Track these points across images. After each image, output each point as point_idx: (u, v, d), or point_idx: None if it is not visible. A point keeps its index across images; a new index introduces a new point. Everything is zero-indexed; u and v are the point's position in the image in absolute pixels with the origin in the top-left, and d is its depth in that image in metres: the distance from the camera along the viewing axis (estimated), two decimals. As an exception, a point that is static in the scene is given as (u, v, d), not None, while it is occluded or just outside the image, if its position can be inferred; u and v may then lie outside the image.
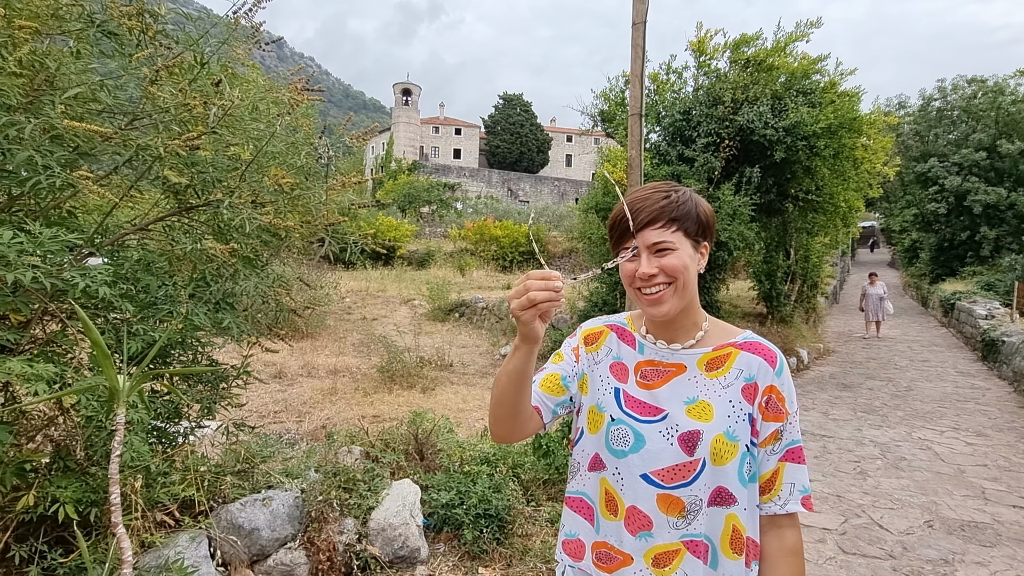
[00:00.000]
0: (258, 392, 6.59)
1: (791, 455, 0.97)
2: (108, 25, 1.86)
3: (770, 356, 0.98)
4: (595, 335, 1.10)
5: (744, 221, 7.32)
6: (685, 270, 0.94)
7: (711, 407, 0.96)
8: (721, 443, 0.93)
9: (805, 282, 12.23)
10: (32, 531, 1.75)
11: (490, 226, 24.51)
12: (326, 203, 2.39)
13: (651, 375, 1.01)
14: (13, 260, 1.38)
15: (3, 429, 1.59)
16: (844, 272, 24.73)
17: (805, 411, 6.28)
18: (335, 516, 2.52)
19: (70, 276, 1.55)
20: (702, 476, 0.93)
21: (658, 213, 0.93)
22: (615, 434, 0.99)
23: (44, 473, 1.77)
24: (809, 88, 7.81)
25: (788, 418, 0.97)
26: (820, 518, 3.49)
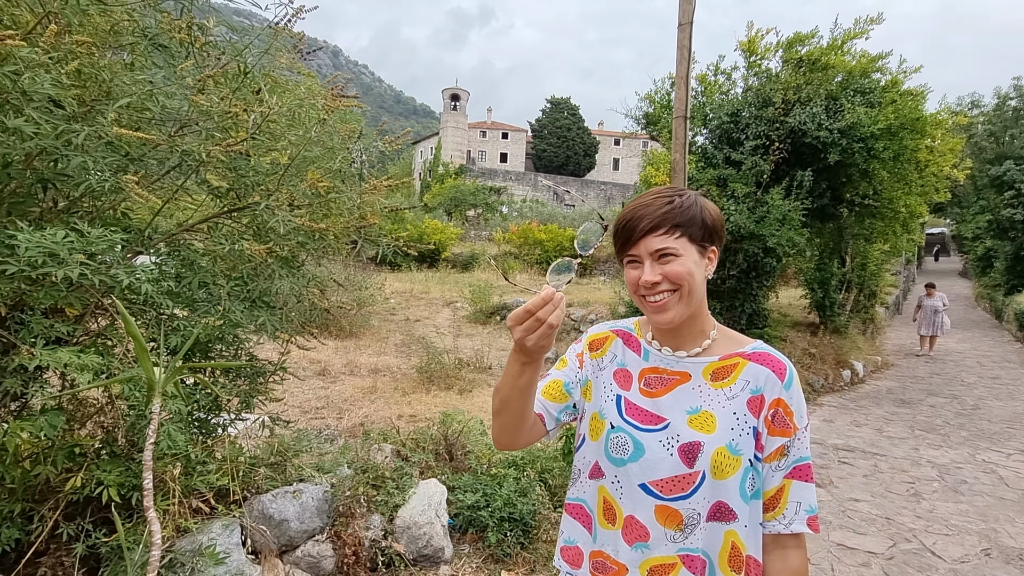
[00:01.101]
0: (302, 388, 6.84)
1: (798, 472, 0.93)
2: (159, 39, 1.99)
3: (779, 367, 0.94)
4: (600, 341, 1.09)
5: (794, 226, 7.01)
6: (690, 277, 0.91)
7: (714, 418, 0.92)
8: (722, 456, 0.90)
9: (862, 291, 11.58)
10: (80, 511, 1.88)
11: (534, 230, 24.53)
12: (360, 206, 2.46)
13: (655, 383, 0.99)
14: (64, 257, 1.49)
15: (55, 414, 1.72)
16: (908, 281, 23.28)
17: (857, 427, 5.95)
18: (362, 512, 2.58)
19: (116, 273, 1.66)
20: (701, 489, 0.90)
21: (660, 219, 0.91)
22: (614, 442, 0.97)
23: (92, 457, 1.89)
24: (868, 87, 7.41)
25: (796, 433, 0.92)
26: (865, 540, 3.29)
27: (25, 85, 1.41)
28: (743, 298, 7.47)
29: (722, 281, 7.39)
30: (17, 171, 1.72)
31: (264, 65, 2.41)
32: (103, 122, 1.62)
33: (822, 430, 5.78)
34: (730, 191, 7.10)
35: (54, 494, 1.81)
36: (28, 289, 1.65)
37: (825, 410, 6.75)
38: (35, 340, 1.62)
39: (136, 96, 1.75)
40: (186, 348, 1.62)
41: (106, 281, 1.67)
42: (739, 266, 7.19)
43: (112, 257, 1.72)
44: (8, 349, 1.68)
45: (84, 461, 1.86)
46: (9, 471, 1.68)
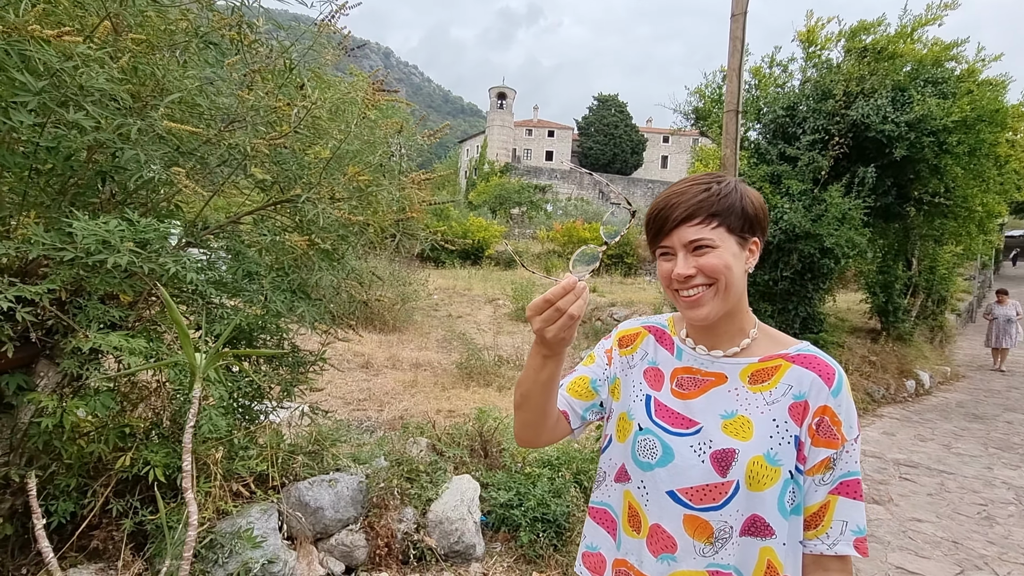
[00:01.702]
0: (345, 380, 7.02)
1: (845, 488, 0.84)
2: (210, 36, 2.06)
3: (826, 372, 0.86)
4: (631, 337, 1.03)
5: (855, 226, 6.61)
6: (727, 270, 0.84)
7: (751, 424, 0.85)
8: (759, 466, 0.82)
9: (930, 296, 10.81)
10: (129, 489, 1.97)
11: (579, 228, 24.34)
12: (400, 199, 2.47)
13: (688, 384, 0.92)
14: (115, 244, 1.55)
15: (108, 395, 1.80)
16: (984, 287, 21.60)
17: (922, 441, 5.55)
18: (396, 504, 2.60)
19: (164, 262, 1.72)
20: (734, 501, 0.83)
21: (695, 208, 0.84)
22: (642, 445, 0.91)
23: (142, 438, 1.98)
24: (940, 77, 6.89)
25: (844, 445, 0.84)
26: (929, 565, 3.04)
27: (83, 80, 1.47)
28: (797, 300, 7.12)
29: (775, 283, 7.06)
30: (79, 164, 1.81)
31: (310, 62, 2.46)
32: (154, 117, 1.68)
33: (882, 443, 5.43)
34: (784, 188, 6.77)
35: (106, 472, 1.91)
36: (86, 275, 1.73)
37: (885, 422, 6.34)
38: (90, 324, 1.70)
39: (187, 92, 1.81)
40: (226, 335, 1.66)
41: (156, 269, 1.74)
42: (793, 267, 6.85)
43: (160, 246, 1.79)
44: (67, 332, 1.77)
45: (134, 442, 1.94)
46: (66, 447, 1.78)
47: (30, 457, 1.87)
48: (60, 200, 1.84)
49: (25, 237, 1.56)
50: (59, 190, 1.85)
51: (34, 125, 1.53)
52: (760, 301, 7.08)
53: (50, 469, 1.84)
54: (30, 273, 1.75)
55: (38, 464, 1.83)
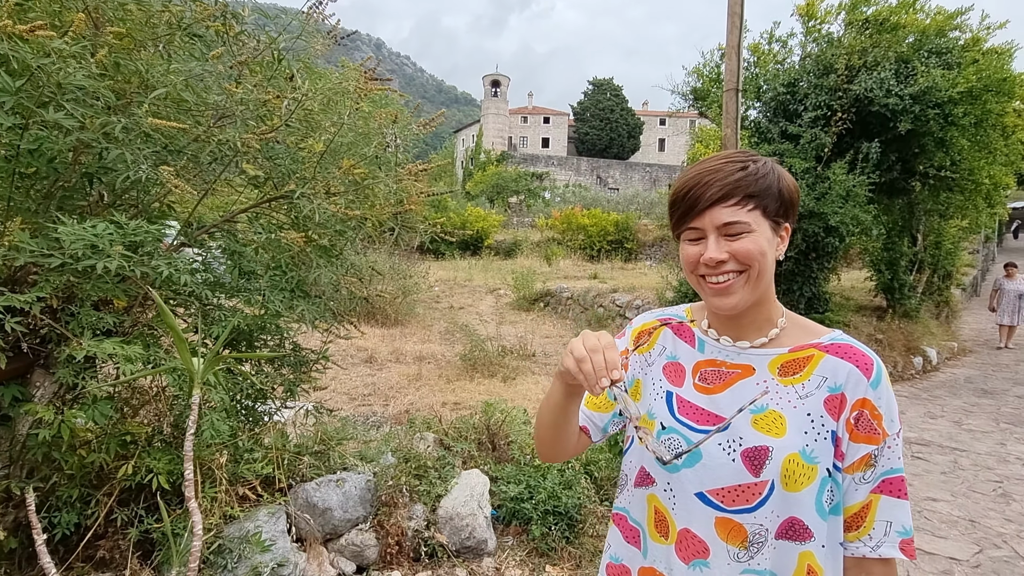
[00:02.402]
0: (350, 375, 6.99)
1: (888, 487, 0.78)
2: (193, 28, 1.98)
3: (864, 362, 0.80)
4: (647, 333, 0.97)
5: (859, 203, 6.52)
6: (762, 257, 0.78)
7: (783, 419, 0.79)
8: (795, 464, 0.77)
9: (936, 272, 10.72)
10: (134, 497, 1.93)
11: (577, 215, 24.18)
12: (397, 192, 2.40)
13: (712, 378, 0.87)
14: (105, 249, 1.50)
15: (106, 403, 1.75)
16: (988, 260, 21.50)
17: (932, 419, 5.51)
18: (405, 501, 2.57)
19: (156, 264, 1.67)
20: (769, 502, 0.78)
21: (732, 188, 0.77)
22: (666, 444, 0.85)
23: (144, 445, 1.94)
24: (945, 47, 6.75)
25: (886, 440, 0.78)
26: (947, 545, 3.01)
27: (60, 77, 1.41)
28: (802, 281, 7.05)
29: (779, 263, 6.97)
30: (64, 166, 1.75)
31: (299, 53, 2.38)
32: (139, 114, 1.61)
33: (891, 421, 5.39)
34: (787, 167, 6.66)
35: (108, 481, 1.87)
36: (77, 282, 1.68)
37: (894, 400, 6.30)
38: (83, 331, 1.65)
39: (171, 87, 1.74)
40: (223, 338, 1.60)
41: (148, 273, 1.69)
42: (797, 247, 6.77)
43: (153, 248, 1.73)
44: (61, 341, 1.72)
45: (136, 449, 1.90)
46: (66, 458, 1.73)
47: (31, 469, 1.83)
48: (47, 204, 1.78)
49: (11, 244, 1.51)
50: (45, 194, 1.79)
51: (13, 127, 1.46)
52: (765, 282, 7.02)
53: (51, 480, 1.80)
54: (19, 281, 1.70)
55: (39, 476, 1.80)
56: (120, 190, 1.94)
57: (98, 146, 1.64)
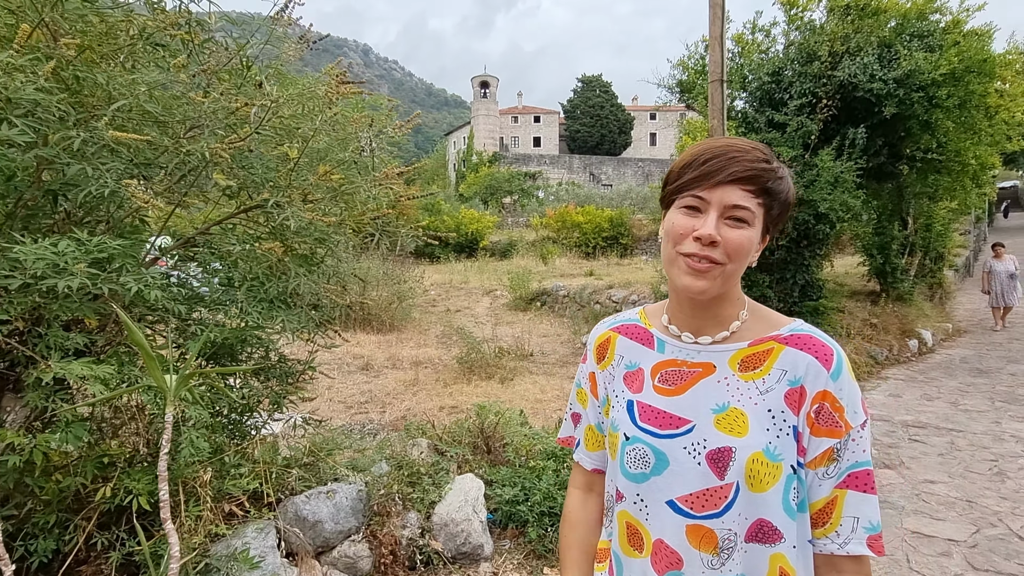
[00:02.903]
0: (346, 383, 6.95)
1: (854, 481, 0.75)
2: (156, 37, 1.94)
3: (824, 352, 0.76)
4: (604, 345, 0.94)
5: (848, 189, 6.52)
6: (745, 255, 0.75)
7: (745, 417, 0.76)
8: (759, 464, 0.74)
9: (927, 254, 10.74)
10: (114, 520, 1.89)
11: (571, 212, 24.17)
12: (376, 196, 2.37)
13: (673, 378, 0.83)
14: (66, 267, 1.45)
15: (80, 426, 1.71)
16: (979, 241, 21.58)
17: (929, 400, 5.51)
18: (398, 510, 2.53)
19: (125, 281, 1.62)
20: (736, 504, 0.74)
21: (755, 174, 0.73)
22: (631, 455, 0.82)
23: (124, 467, 1.89)
24: (926, 30, 6.75)
25: (850, 433, 0.75)
26: (945, 527, 2.99)
27: (9, 92, 1.36)
28: (794, 269, 7.04)
29: (771, 252, 6.98)
30: (23, 183, 1.71)
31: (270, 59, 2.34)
32: (96, 126, 1.57)
33: (889, 406, 5.38)
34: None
35: (87, 504, 1.82)
36: (43, 302, 1.63)
37: (891, 384, 6.30)
38: (51, 353, 1.61)
39: (132, 98, 1.70)
40: (194, 354, 1.56)
41: (117, 290, 1.64)
42: (788, 235, 6.76)
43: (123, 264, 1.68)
44: (29, 364, 1.68)
45: (115, 471, 1.86)
46: (39, 483, 1.69)
47: (4, 496, 1.78)
48: (10, 224, 1.73)
49: (-31, 266, 1.46)
50: (8, 213, 1.75)
51: (-34, 145, 1.42)
52: (757, 272, 7.00)
53: (27, 507, 1.75)
54: (-17, 304, 1.65)
55: (13, 503, 1.75)
56: (88, 206, 1.90)
57: (59, 162, 1.60)
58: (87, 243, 1.48)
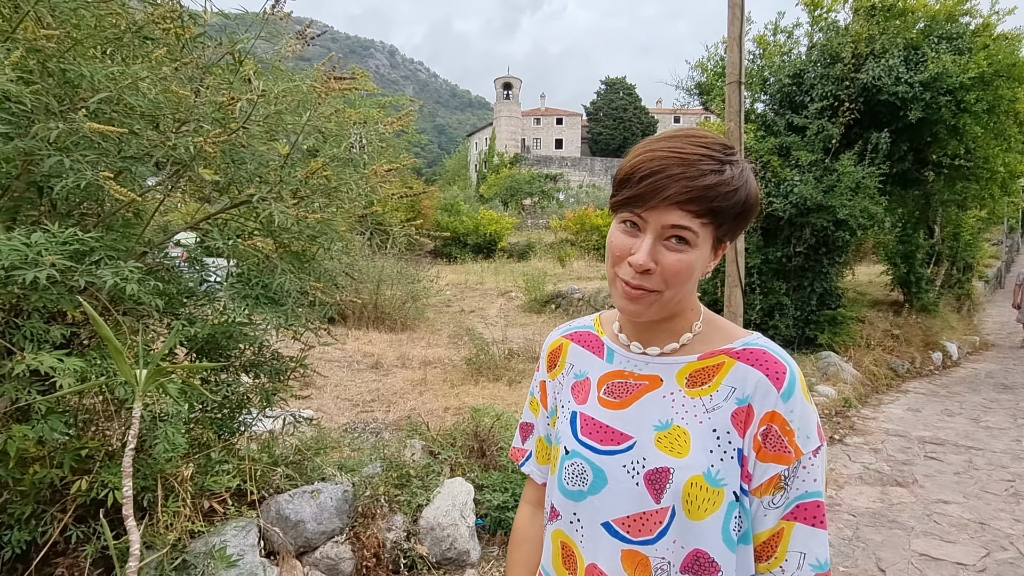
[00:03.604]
0: (355, 381, 6.97)
1: (802, 513, 0.68)
2: (145, 31, 1.94)
3: (775, 370, 0.69)
4: (555, 353, 0.88)
5: (870, 195, 6.32)
6: (687, 279, 0.68)
7: (688, 436, 0.70)
8: (698, 488, 0.67)
9: (955, 264, 10.38)
10: (92, 513, 1.88)
11: (591, 215, 24.02)
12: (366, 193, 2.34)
13: (618, 390, 0.77)
14: (36, 259, 1.45)
15: (57, 419, 1.71)
16: (1013, 251, 20.81)
17: (950, 416, 5.29)
18: (384, 512, 2.49)
19: (101, 274, 1.62)
20: (671, 531, 0.68)
21: (698, 195, 0.63)
22: (570, 471, 0.76)
23: (103, 460, 1.89)
24: (955, 32, 6.51)
25: (800, 460, 0.67)
26: (954, 550, 2.84)
27: (-17, 84, 1.36)
28: (812, 276, 6.85)
29: (788, 259, 6.80)
30: (7, 175, 1.72)
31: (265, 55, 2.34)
32: (75, 119, 1.56)
33: (906, 420, 5.18)
34: (793, 160, 6.49)
35: (62, 497, 1.82)
36: (23, 293, 1.64)
37: (911, 397, 6.07)
38: (28, 344, 1.61)
39: (116, 91, 1.70)
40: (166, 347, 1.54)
41: (94, 282, 1.64)
42: (806, 242, 6.58)
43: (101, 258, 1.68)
44: (8, 354, 1.68)
45: (93, 464, 1.86)
46: (12, 474, 1.69)
47: (-16, 486, 1.79)
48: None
49: (-55, 256, 1.47)
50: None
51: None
52: (774, 279, 6.83)
53: (2, 497, 1.76)
54: (-36, 294, 1.66)
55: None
56: (74, 199, 1.90)
57: (39, 154, 1.60)
58: (59, 235, 1.48)
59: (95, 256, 1.68)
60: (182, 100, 1.87)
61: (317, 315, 2.48)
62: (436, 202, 24.55)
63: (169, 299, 1.99)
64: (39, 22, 1.73)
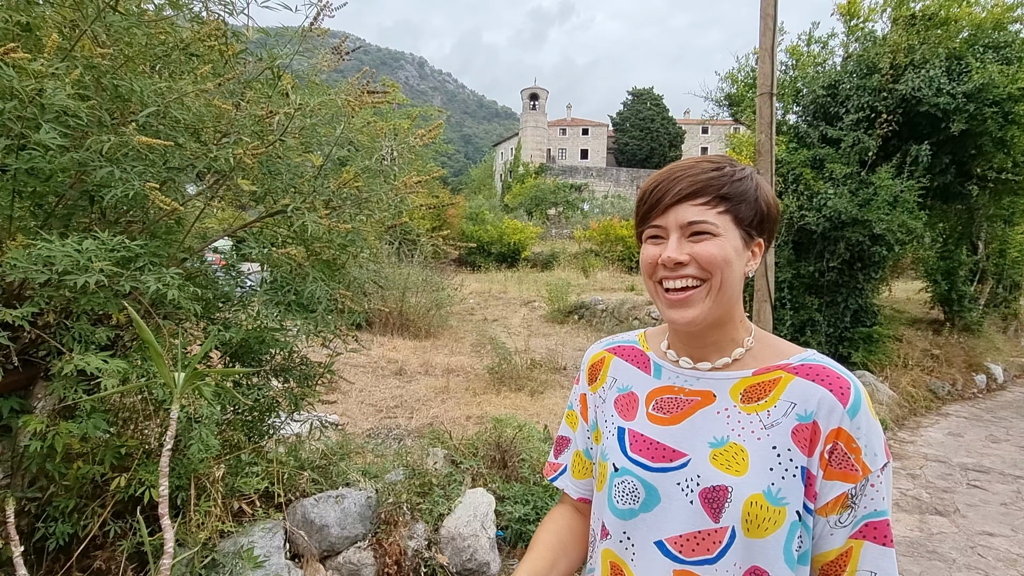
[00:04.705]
0: (379, 387, 7.05)
1: (872, 532, 0.67)
2: (192, 48, 2.03)
3: (840, 385, 0.68)
4: (596, 366, 0.89)
5: (909, 209, 6.12)
6: (725, 265, 0.69)
7: (745, 454, 0.69)
8: (758, 507, 0.66)
9: (1000, 282, 9.93)
10: (130, 509, 1.95)
11: (616, 226, 23.88)
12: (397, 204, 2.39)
13: (669, 406, 0.77)
14: (90, 264, 1.52)
15: (100, 417, 1.78)
16: (1064, 269, 19.79)
17: (995, 443, 5.04)
18: (406, 520, 2.51)
19: (145, 279, 1.69)
20: (731, 551, 0.67)
21: (703, 185, 0.70)
22: (620, 488, 0.76)
23: (141, 458, 1.96)
24: (1003, 41, 6.29)
25: (868, 477, 0.67)
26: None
27: (44, 98, 1.45)
28: (847, 292, 6.66)
29: (821, 274, 6.63)
30: (62, 185, 1.81)
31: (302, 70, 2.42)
32: (125, 132, 1.65)
33: (947, 445, 4.97)
34: (827, 173, 6.34)
35: (104, 492, 1.89)
36: (73, 297, 1.72)
37: (951, 421, 5.82)
38: (76, 345, 1.69)
39: (163, 106, 1.78)
40: (203, 352, 1.60)
41: (138, 287, 1.71)
42: (841, 256, 6.41)
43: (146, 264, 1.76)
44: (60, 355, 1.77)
45: (132, 462, 1.93)
46: (59, 469, 1.77)
47: (32, 479, 1.88)
48: (49, 223, 1.84)
49: (4, 262, 1.55)
50: (49, 212, 1.86)
51: (6, 147, 1.52)
52: (806, 294, 6.66)
53: (49, 491, 1.84)
54: (19, 297, 1.76)
55: (37, 486, 1.84)
56: (122, 207, 2.00)
57: (91, 165, 1.68)
58: (108, 242, 1.55)
59: (140, 262, 1.75)
60: (224, 113, 1.95)
61: (345, 322, 2.53)
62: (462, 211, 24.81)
63: (206, 304, 2.06)
64: (95, 40, 1.83)
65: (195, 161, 2.01)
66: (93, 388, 1.87)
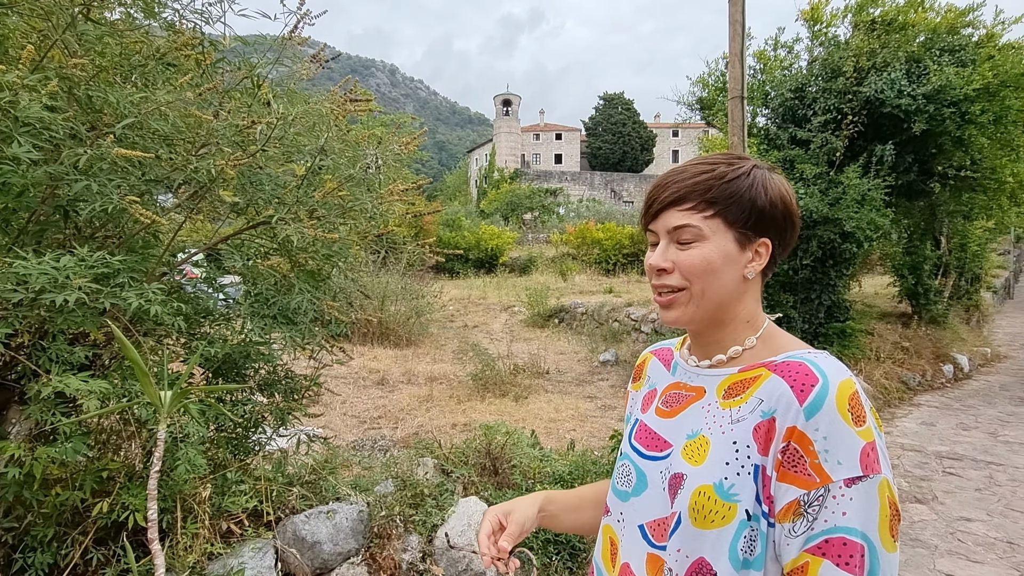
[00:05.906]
0: (361, 398, 6.95)
1: (832, 550, 0.60)
2: (168, 57, 1.98)
3: (803, 382, 0.64)
4: (640, 367, 0.95)
5: (876, 207, 6.32)
6: (707, 273, 0.70)
7: (708, 446, 0.70)
8: (705, 498, 0.66)
9: (963, 275, 10.33)
10: (112, 535, 1.88)
11: (592, 229, 24.06)
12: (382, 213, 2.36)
13: (672, 400, 0.81)
14: (68, 282, 1.47)
15: (79, 440, 1.71)
16: (1020, 262, 20.73)
17: (965, 430, 5.23)
18: (399, 532, 2.47)
19: (126, 296, 1.63)
20: (675, 537, 0.69)
21: (687, 191, 0.71)
22: (620, 471, 0.82)
23: (123, 482, 1.89)
24: (957, 44, 6.57)
25: (828, 487, 0.60)
26: (984, 571, 2.79)
27: (18, 111, 1.39)
28: (820, 289, 6.83)
29: (795, 272, 6.79)
30: (35, 200, 1.74)
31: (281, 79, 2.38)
32: (102, 144, 1.59)
33: (921, 435, 5.13)
34: (798, 173, 6.52)
35: (83, 518, 1.82)
36: (48, 316, 1.65)
37: (924, 411, 6.01)
38: (53, 366, 1.62)
39: (140, 117, 1.73)
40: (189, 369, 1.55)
41: (119, 304, 1.65)
42: (813, 254, 6.57)
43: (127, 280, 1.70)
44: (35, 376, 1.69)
45: (114, 486, 1.85)
46: (37, 496, 1.69)
47: (7, 508, 1.79)
48: (22, 239, 1.77)
49: (-26, 280, 1.48)
50: (20, 228, 1.79)
51: (-25, 163, 1.45)
52: (780, 292, 6.81)
53: (26, 520, 1.76)
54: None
55: (13, 515, 1.75)
56: (98, 222, 1.93)
57: (67, 179, 1.62)
58: (87, 258, 1.49)
59: (119, 278, 1.69)
60: (203, 124, 1.90)
61: (331, 332, 2.49)
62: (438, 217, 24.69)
63: (187, 319, 2.00)
64: (66, 51, 1.77)
65: (174, 173, 1.96)
66: (71, 410, 1.80)
